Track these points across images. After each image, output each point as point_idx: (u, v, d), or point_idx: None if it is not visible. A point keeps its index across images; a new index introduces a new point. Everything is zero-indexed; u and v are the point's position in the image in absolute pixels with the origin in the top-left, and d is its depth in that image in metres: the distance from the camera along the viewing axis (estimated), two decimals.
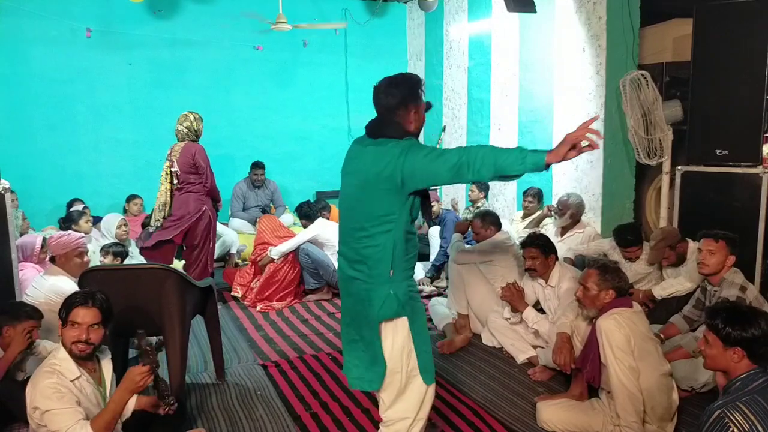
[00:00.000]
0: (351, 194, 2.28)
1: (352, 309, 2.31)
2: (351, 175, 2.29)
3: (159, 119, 6.42)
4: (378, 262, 2.18)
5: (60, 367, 2.25)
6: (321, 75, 7.53)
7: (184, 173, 4.50)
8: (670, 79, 4.59)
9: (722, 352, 2.02)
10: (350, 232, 2.26)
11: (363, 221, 2.20)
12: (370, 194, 2.18)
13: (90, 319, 2.28)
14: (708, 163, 4.16)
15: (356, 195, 2.24)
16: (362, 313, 2.23)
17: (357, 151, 2.29)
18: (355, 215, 2.24)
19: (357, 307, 2.26)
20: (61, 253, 3.41)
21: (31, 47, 6.07)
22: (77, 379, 2.27)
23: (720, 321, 2.03)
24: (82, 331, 2.26)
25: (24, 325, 2.77)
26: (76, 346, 2.26)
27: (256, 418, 3.00)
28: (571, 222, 4.88)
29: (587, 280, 2.82)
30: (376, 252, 2.18)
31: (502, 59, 6.20)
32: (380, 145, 2.20)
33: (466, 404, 3.12)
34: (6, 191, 3.28)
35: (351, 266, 2.25)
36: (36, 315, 2.85)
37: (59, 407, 2.15)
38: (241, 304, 4.93)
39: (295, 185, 7.40)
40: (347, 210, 2.30)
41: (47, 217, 5.92)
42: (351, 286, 2.27)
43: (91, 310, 2.29)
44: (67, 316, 2.29)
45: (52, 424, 2.14)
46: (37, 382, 2.21)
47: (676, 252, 3.85)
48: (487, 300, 3.92)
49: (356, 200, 2.24)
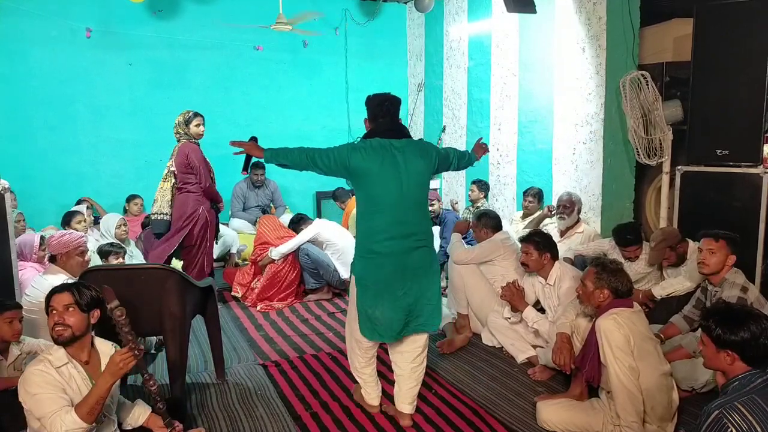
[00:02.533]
0: (415, 183, 2.78)
1: (414, 274, 2.80)
2: (412, 166, 2.77)
3: (159, 119, 6.41)
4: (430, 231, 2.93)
5: (50, 356, 2.30)
6: (321, 75, 7.54)
7: (181, 173, 4.52)
8: (670, 79, 4.59)
9: (715, 353, 2.03)
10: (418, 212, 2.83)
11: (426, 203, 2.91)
12: (427, 181, 2.88)
13: (63, 301, 2.33)
14: (708, 163, 4.16)
15: (422, 182, 2.83)
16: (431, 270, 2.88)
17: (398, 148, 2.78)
18: (421, 199, 2.84)
19: (422, 269, 2.83)
20: (62, 252, 3.42)
21: (30, 47, 6.07)
22: (63, 366, 2.29)
23: (712, 323, 2.04)
24: (57, 314, 2.31)
25: (3, 316, 2.80)
26: (55, 331, 2.30)
27: (256, 418, 3.00)
28: (576, 220, 4.89)
29: (585, 277, 2.86)
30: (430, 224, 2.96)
31: (502, 59, 6.20)
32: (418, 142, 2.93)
33: (466, 404, 3.12)
34: (6, 191, 3.29)
35: (418, 240, 2.78)
36: (15, 305, 2.90)
37: (43, 392, 2.18)
38: (241, 304, 4.93)
39: (295, 185, 7.40)
40: (412, 197, 2.78)
41: (47, 217, 5.91)
42: (414, 260, 2.78)
43: (63, 294, 2.35)
44: (47, 307, 2.36)
45: (36, 409, 2.17)
46: (26, 370, 2.27)
47: (676, 252, 3.85)
48: (487, 300, 3.92)
49: (422, 188, 2.83)
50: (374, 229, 2.75)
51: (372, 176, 2.72)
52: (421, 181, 2.81)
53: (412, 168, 2.75)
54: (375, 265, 2.76)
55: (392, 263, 2.74)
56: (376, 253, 2.75)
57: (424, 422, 2.94)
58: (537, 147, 5.81)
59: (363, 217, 2.82)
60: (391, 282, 2.75)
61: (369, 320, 2.80)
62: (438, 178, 7.41)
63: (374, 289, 2.77)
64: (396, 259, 2.74)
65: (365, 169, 2.71)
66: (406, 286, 2.77)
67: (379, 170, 2.71)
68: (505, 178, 6.30)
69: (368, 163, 2.71)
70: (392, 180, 2.71)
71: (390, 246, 2.73)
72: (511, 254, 4.01)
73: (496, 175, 6.41)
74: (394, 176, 2.71)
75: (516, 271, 3.91)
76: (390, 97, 2.89)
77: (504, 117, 6.23)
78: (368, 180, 2.73)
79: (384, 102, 2.87)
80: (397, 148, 2.76)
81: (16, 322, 2.84)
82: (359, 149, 2.74)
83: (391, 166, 2.72)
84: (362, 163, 2.71)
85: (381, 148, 2.74)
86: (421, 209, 2.83)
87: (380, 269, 2.75)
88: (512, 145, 6.14)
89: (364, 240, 2.81)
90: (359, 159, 2.71)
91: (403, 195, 2.73)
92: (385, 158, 2.72)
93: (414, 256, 2.77)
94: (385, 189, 2.72)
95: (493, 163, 6.46)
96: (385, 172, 2.71)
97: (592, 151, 5.18)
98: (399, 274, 2.75)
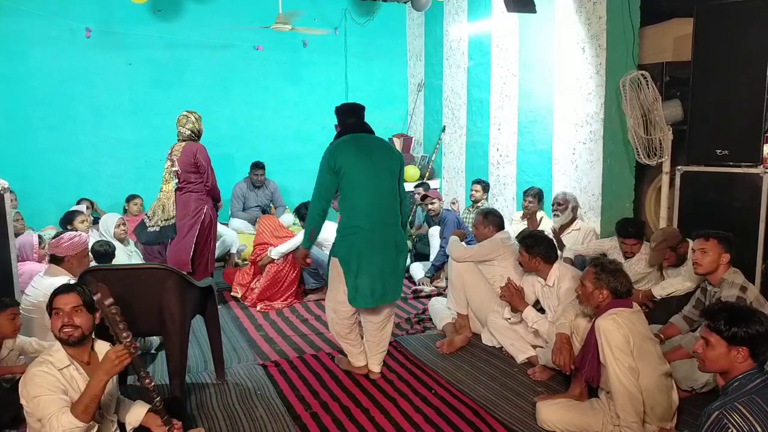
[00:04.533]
0: (384, 168, 3.29)
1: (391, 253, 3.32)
2: (378, 154, 3.30)
3: (159, 119, 6.42)
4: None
5: (51, 358, 2.29)
6: (321, 75, 7.53)
7: (185, 173, 4.50)
8: (670, 79, 4.58)
9: (726, 352, 2.01)
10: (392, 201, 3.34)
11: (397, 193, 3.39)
12: (394, 170, 3.35)
13: (71, 302, 2.32)
14: (708, 163, 4.16)
15: (390, 168, 3.32)
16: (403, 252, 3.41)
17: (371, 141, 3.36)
18: (392, 184, 3.33)
19: (395, 243, 3.34)
20: (73, 254, 3.39)
21: (30, 47, 6.07)
22: (66, 368, 2.29)
23: (723, 322, 2.02)
24: (64, 315, 2.31)
25: (6, 312, 2.82)
26: (63, 332, 2.30)
27: (256, 418, 3.00)
28: (572, 218, 4.90)
29: (585, 278, 2.87)
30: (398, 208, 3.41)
31: (502, 59, 6.20)
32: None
33: (466, 404, 3.12)
34: (5, 191, 3.29)
35: (392, 217, 3.31)
36: (14, 302, 2.92)
37: (44, 394, 2.18)
38: (241, 304, 4.93)
39: (295, 185, 7.39)
40: (384, 180, 3.28)
41: (47, 217, 5.91)
42: (388, 237, 3.28)
43: (69, 294, 2.35)
44: (51, 307, 2.35)
45: (37, 410, 2.18)
46: (28, 371, 2.27)
47: (677, 253, 3.85)
48: (487, 300, 3.92)
49: (390, 173, 3.31)
50: (355, 206, 3.23)
51: (350, 165, 3.19)
52: (389, 166, 3.30)
53: (379, 156, 3.27)
54: (357, 240, 3.21)
55: (372, 237, 3.21)
56: (359, 228, 3.20)
57: (424, 422, 2.94)
58: (537, 147, 5.81)
59: (345, 200, 3.27)
60: (371, 252, 3.21)
61: (355, 289, 3.23)
62: (438, 177, 7.42)
63: (357, 261, 3.21)
64: (375, 234, 3.22)
65: (345, 161, 3.18)
66: (383, 254, 3.26)
67: (355, 158, 3.21)
68: (505, 178, 6.30)
69: (346, 157, 3.19)
70: (366, 166, 3.21)
71: (370, 221, 3.21)
72: (511, 255, 4.00)
73: (496, 175, 6.41)
74: (368, 164, 3.22)
75: (515, 272, 3.91)
76: (355, 104, 3.45)
77: (504, 117, 6.22)
78: (348, 169, 3.19)
79: (350, 108, 3.42)
80: (365, 139, 3.32)
81: (17, 318, 2.87)
82: (336, 150, 3.23)
83: (365, 153, 3.23)
84: (343, 159, 3.18)
85: (353, 140, 3.28)
86: (392, 192, 3.31)
87: (362, 243, 3.21)
88: (512, 145, 6.14)
89: (347, 220, 3.27)
90: (340, 157, 3.19)
91: (377, 177, 3.23)
92: (359, 148, 3.25)
93: (389, 231, 3.28)
94: (360, 173, 3.19)
95: (493, 163, 6.46)
96: (360, 160, 3.21)
97: (592, 151, 5.17)
98: (378, 245, 3.23)
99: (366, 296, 3.24)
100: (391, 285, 3.31)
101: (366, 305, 3.30)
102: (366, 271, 3.21)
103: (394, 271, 3.32)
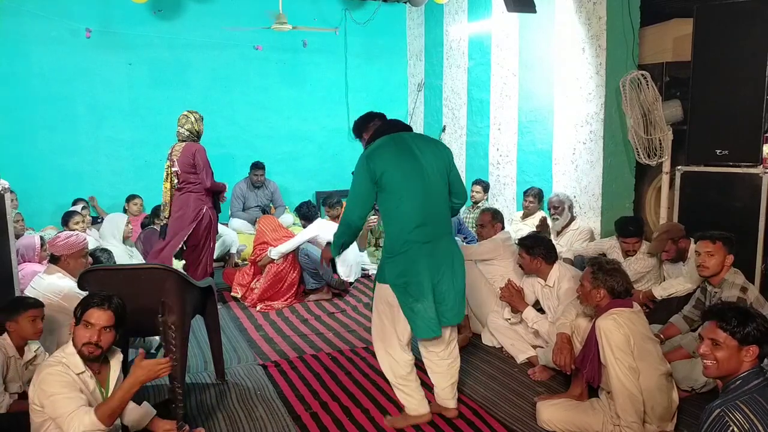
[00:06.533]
0: (433, 170, 2.78)
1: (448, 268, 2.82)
2: (427, 152, 2.79)
3: (159, 119, 6.43)
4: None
5: (66, 360, 2.27)
6: (321, 75, 7.53)
7: (184, 173, 4.50)
8: (670, 79, 4.59)
9: (736, 352, 1.97)
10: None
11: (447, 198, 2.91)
12: (444, 170, 2.85)
13: (104, 321, 2.30)
14: (708, 163, 4.16)
15: (439, 169, 2.81)
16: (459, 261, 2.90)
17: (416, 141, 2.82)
18: (442, 187, 2.83)
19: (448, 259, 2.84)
20: (69, 254, 3.39)
21: (31, 47, 6.08)
22: (81, 374, 2.28)
23: (735, 322, 1.98)
24: (94, 332, 2.28)
25: (27, 314, 2.77)
26: (86, 348, 2.28)
27: (256, 418, 3.00)
28: (571, 217, 4.91)
29: (583, 277, 2.88)
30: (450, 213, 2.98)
31: (502, 59, 6.20)
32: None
33: (466, 404, 3.12)
34: (6, 191, 3.28)
35: (445, 227, 2.85)
36: (38, 304, 2.85)
37: (61, 392, 2.16)
38: (241, 304, 4.93)
39: (295, 185, 7.40)
40: (433, 183, 2.77)
41: (47, 217, 5.92)
42: (444, 250, 2.81)
43: (106, 312, 2.31)
44: (81, 316, 2.31)
45: (54, 409, 2.14)
46: (41, 371, 2.24)
47: (677, 246, 3.86)
48: (487, 300, 3.92)
49: (440, 175, 2.80)
50: (404, 218, 2.71)
51: (393, 171, 2.68)
52: (438, 166, 2.77)
53: (424, 155, 2.74)
54: (411, 257, 2.72)
55: (428, 251, 2.73)
56: (410, 243, 2.71)
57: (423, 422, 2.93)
58: (537, 147, 5.81)
59: (390, 212, 2.76)
60: (429, 269, 2.74)
61: (416, 316, 2.75)
62: None
63: (416, 282, 2.73)
64: (431, 248, 2.74)
65: (386, 167, 2.67)
66: (441, 271, 2.78)
67: (398, 163, 2.69)
68: (505, 178, 6.30)
69: (387, 162, 2.68)
70: (413, 170, 2.71)
71: (423, 234, 2.72)
72: (511, 255, 4.00)
73: (496, 175, 6.41)
74: (414, 167, 2.71)
75: (515, 272, 3.91)
76: (371, 112, 3.05)
77: (504, 117, 6.23)
78: (391, 177, 2.68)
79: (368, 115, 3.03)
80: (406, 138, 2.78)
81: (39, 320, 2.81)
82: (373, 154, 2.72)
83: (408, 155, 2.72)
84: (383, 165, 2.68)
85: (392, 141, 2.75)
86: (443, 197, 2.82)
87: (418, 260, 2.72)
88: (512, 145, 6.14)
89: (396, 236, 2.76)
90: (380, 163, 2.68)
91: (425, 182, 2.72)
92: (401, 150, 2.72)
93: (444, 242, 2.81)
94: (406, 179, 2.69)
95: (493, 163, 6.46)
96: (404, 163, 2.70)
97: (592, 151, 5.18)
98: (435, 260, 2.75)
99: (431, 321, 2.75)
100: (455, 304, 2.83)
101: (434, 334, 2.79)
102: (427, 292, 2.74)
103: (454, 286, 2.83)
